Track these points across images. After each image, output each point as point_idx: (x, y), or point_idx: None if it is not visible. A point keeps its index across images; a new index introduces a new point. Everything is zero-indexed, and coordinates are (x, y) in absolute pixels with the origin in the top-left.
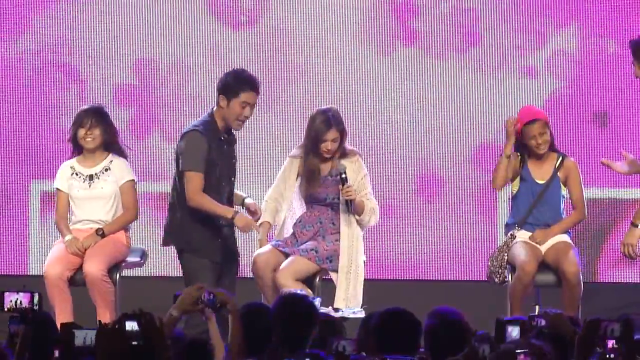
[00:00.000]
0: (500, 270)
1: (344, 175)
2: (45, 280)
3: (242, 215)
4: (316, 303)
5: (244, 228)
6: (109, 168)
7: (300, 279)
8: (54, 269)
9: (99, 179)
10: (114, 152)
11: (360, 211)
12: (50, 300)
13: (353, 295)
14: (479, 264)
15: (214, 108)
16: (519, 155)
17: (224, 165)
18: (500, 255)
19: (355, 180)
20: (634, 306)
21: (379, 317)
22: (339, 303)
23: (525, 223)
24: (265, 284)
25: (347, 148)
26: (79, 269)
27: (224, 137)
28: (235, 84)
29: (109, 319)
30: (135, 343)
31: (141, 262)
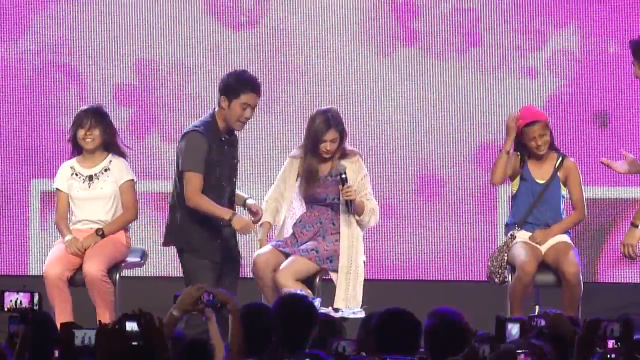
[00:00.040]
0: (500, 270)
1: (344, 176)
2: (45, 280)
3: (240, 217)
4: (316, 303)
5: (242, 230)
6: (109, 168)
7: (301, 279)
8: (54, 269)
9: (98, 179)
10: (113, 152)
11: (360, 211)
12: (50, 301)
13: (353, 296)
14: (479, 264)
15: (216, 109)
16: (518, 154)
17: (224, 166)
18: (500, 255)
19: (355, 181)
20: (634, 306)
21: (379, 317)
22: (338, 303)
23: (526, 223)
24: (266, 284)
25: (347, 148)
26: (79, 269)
27: (225, 138)
28: (236, 85)
29: (108, 319)
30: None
31: (141, 263)
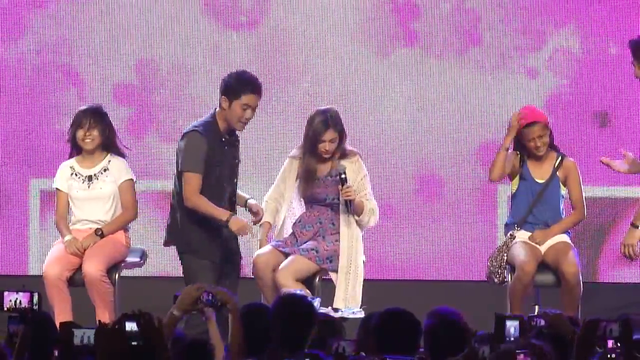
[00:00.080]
0: (500, 270)
1: (343, 176)
2: (44, 280)
3: (237, 219)
4: (315, 303)
5: (238, 231)
6: (108, 168)
7: (301, 279)
8: (53, 269)
9: (97, 179)
10: (112, 152)
11: (359, 211)
12: (49, 300)
13: (352, 296)
14: (479, 264)
15: (217, 109)
16: (518, 154)
17: (225, 166)
18: (500, 255)
19: (355, 181)
20: (634, 306)
21: (379, 317)
22: (338, 303)
23: (525, 222)
24: (265, 284)
25: (347, 149)
26: (78, 269)
27: (225, 138)
28: (236, 85)
29: (108, 319)
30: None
31: (141, 263)
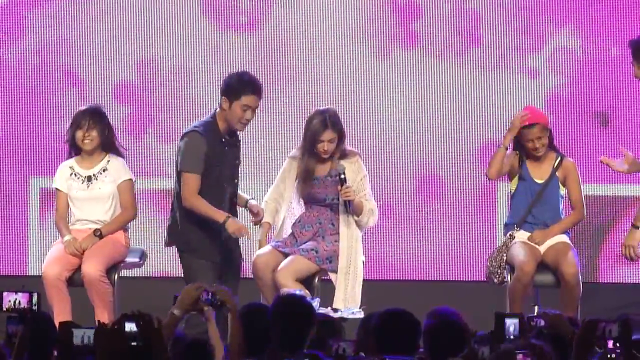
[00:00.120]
0: (499, 270)
1: (343, 176)
2: (43, 280)
3: (234, 220)
4: (315, 304)
5: (235, 233)
6: (107, 168)
7: (300, 279)
8: (53, 269)
9: (97, 179)
10: (111, 153)
11: (358, 212)
12: (48, 301)
13: (352, 296)
14: (478, 264)
15: (217, 109)
16: (517, 154)
17: (225, 167)
18: (499, 255)
19: (355, 181)
20: (633, 306)
21: (379, 318)
22: (338, 304)
23: (525, 222)
24: (265, 284)
25: (347, 149)
26: (78, 269)
27: (226, 139)
28: (237, 86)
29: (107, 320)
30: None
31: (140, 263)
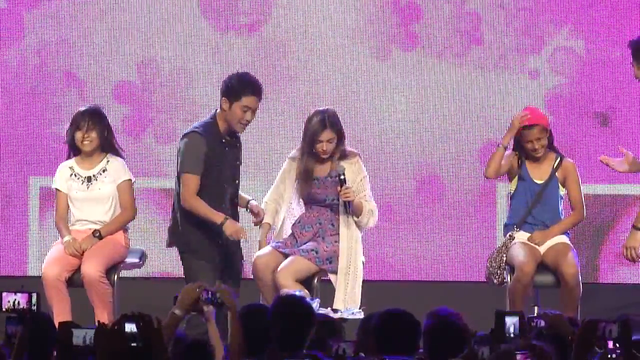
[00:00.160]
0: (499, 271)
1: (342, 177)
2: (43, 281)
3: (232, 222)
4: (315, 304)
5: (232, 235)
6: (106, 169)
7: (300, 279)
8: (52, 269)
9: (96, 180)
10: (111, 153)
11: (358, 212)
12: (48, 301)
13: (352, 297)
14: (478, 265)
15: (217, 110)
16: (517, 154)
17: (225, 167)
18: (499, 256)
19: (354, 182)
20: (633, 306)
21: (379, 318)
22: (337, 304)
23: (524, 223)
24: (265, 285)
25: (347, 149)
26: (77, 270)
27: (226, 140)
28: (237, 87)
29: (106, 320)
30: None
31: (140, 264)
